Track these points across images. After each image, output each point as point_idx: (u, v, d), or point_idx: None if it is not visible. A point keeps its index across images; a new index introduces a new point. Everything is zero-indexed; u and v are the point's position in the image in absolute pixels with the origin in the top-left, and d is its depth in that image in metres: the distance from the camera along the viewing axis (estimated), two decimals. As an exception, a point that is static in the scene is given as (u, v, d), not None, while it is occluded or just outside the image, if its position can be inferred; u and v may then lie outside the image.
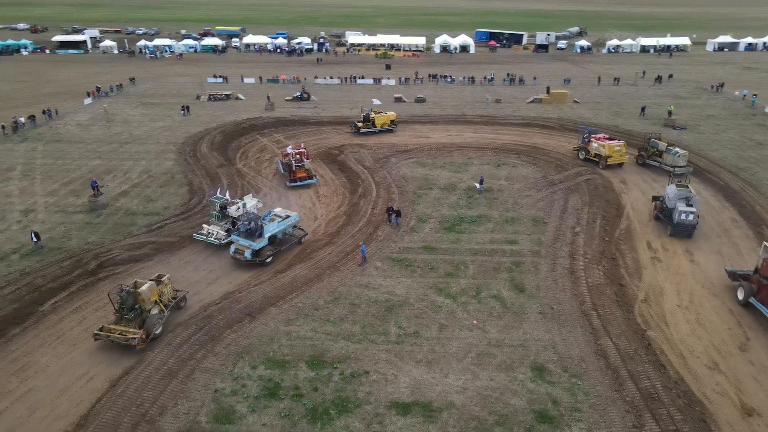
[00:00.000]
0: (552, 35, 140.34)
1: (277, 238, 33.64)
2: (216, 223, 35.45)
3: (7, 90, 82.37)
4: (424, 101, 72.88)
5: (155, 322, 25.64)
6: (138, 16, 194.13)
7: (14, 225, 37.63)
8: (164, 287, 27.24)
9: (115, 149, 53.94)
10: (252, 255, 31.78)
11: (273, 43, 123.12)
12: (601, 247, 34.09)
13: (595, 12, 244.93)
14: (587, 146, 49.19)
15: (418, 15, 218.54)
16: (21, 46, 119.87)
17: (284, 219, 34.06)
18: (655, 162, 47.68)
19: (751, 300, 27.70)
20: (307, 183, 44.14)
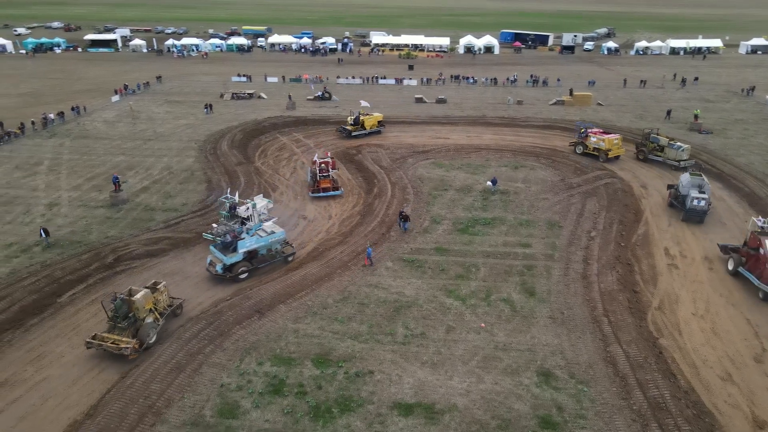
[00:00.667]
0: (579, 36, 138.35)
1: (258, 254, 32.00)
2: (225, 223, 34.34)
3: (40, 87, 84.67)
4: (444, 102, 72.64)
5: (149, 331, 25.05)
6: (169, 16, 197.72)
7: (38, 218, 38.73)
8: (160, 295, 26.67)
9: (139, 146, 55.06)
10: (223, 270, 30.46)
11: (298, 43, 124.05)
12: (617, 253, 33.53)
13: (625, 13, 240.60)
14: (585, 141, 50.58)
15: (444, 15, 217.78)
16: (54, 44, 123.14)
17: (268, 235, 32.16)
18: (657, 157, 48.86)
19: (740, 269, 30.89)
20: (330, 195, 42.29)
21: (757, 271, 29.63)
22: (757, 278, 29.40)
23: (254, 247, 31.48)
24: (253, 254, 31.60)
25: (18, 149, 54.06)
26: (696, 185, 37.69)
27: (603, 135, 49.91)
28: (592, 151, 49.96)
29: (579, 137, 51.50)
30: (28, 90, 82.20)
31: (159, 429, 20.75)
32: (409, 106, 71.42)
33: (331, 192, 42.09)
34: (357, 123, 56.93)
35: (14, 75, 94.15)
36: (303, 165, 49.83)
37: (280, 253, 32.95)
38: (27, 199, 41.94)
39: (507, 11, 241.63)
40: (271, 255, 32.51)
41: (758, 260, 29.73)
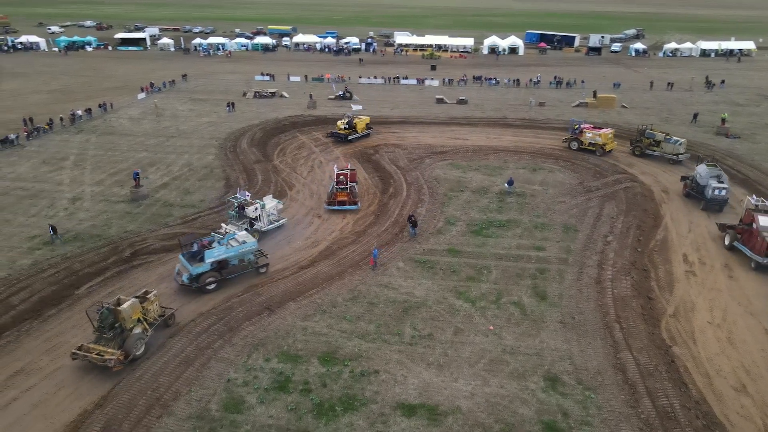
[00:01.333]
0: (606, 37, 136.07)
1: (228, 264, 30.40)
2: (234, 223, 34.69)
3: (70, 84, 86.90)
4: (465, 103, 72.25)
5: (136, 343, 24.19)
6: (197, 15, 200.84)
7: (61, 212, 39.76)
8: (150, 304, 25.70)
9: (162, 143, 56.10)
10: (189, 280, 29.29)
11: (322, 43, 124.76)
12: (633, 258, 32.91)
13: (655, 14, 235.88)
14: (580, 137, 52.07)
15: (470, 16, 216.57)
16: (86, 43, 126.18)
17: (239, 245, 30.55)
18: (654, 152, 50.54)
19: (735, 244, 33.86)
20: (346, 209, 39.91)
21: (750, 243, 32.68)
22: (750, 250, 32.45)
23: (223, 257, 29.94)
24: (222, 264, 30.08)
25: (46, 144, 55.57)
26: (714, 175, 39.53)
27: (596, 130, 51.79)
28: (588, 147, 51.51)
29: (573, 133, 52.98)
30: (58, 87, 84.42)
31: (165, 421, 21.13)
32: (429, 106, 71.24)
33: (347, 206, 39.81)
34: (351, 126, 55.58)
35: (47, 72, 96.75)
36: (321, 164, 50.17)
37: (253, 263, 31.32)
38: (52, 193, 43.09)
39: (534, 12, 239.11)
40: (242, 265, 30.89)
41: (751, 234, 32.78)
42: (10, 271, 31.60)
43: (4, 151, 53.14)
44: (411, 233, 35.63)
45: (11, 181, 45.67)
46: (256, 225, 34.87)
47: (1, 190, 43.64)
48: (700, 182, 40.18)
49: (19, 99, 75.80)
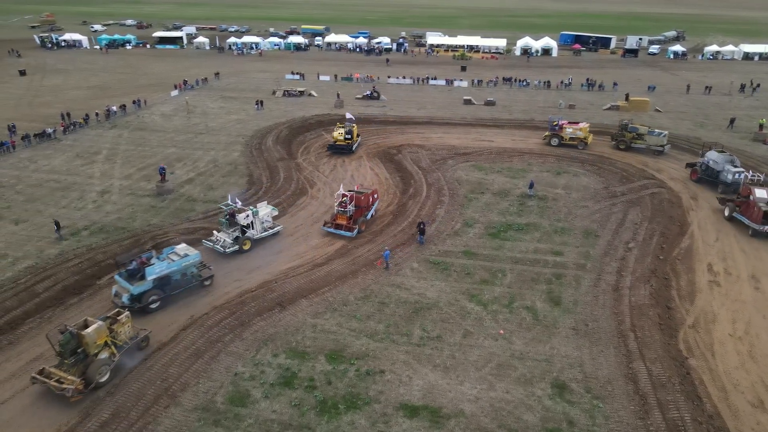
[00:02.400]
0: (644, 39, 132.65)
1: (171, 280, 28.57)
2: (225, 230, 33.83)
3: (108, 80, 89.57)
4: (493, 104, 71.54)
5: (100, 369, 22.44)
6: (234, 15, 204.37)
7: (90, 204, 41.05)
8: (120, 326, 23.86)
9: (190, 139, 57.29)
10: (130, 300, 27.21)
11: (353, 43, 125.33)
12: (653, 266, 32.01)
13: (697, 15, 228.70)
14: (560, 133, 53.53)
15: (505, 16, 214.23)
16: (126, 41, 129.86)
17: (180, 258, 28.90)
18: (640, 145, 52.28)
19: (734, 215, 37.63)
20: (340, 233, 36.01)
21: (748, 213, 36.62)
22: (748, 219, 36.38)
23: (165, 273, 28.21)
24: (165, 281, 28.32)
25: (81, 139, 57.42)
26: (729, 161, 42.94)
27: (574, 125, 53.68)
28: (569, 141, 53.32)
29: (552, 130, 54.11)
30: (97, 83, 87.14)
31: (172, 411, 21.59)
32: (457, 107, 70.81)
33: (342, 231, 35.90)
34: (352, 135, 52.47)
35: (87, 69, 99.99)
36: (343, 163, 50.40)
37: (197, 276, 29.69)
38: (83, 186, 44.51)
39: (570, 12, 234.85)
40: (186, 280, 29.20)
41: (749, 205, 36.72)
42: (37, 260, 32.78)
43: (42, 145, 55.18)
44: (419, 240, 34.87)
45: (46, 173, 47.36)
46: (248, 233, 34.04)
47: (35, 181, 45.30)
48: (715, 168, 43.18)
49: (60, 94, 78.54)
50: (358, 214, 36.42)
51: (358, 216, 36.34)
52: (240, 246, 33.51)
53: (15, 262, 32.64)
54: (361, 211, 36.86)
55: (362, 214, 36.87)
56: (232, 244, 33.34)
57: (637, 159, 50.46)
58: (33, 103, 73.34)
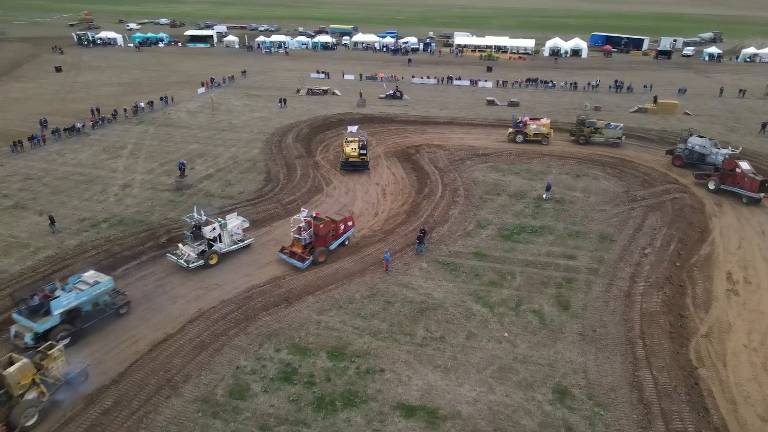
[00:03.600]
0: (678, 41, 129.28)
1: (82, 312, 25.78)
2: (190, 244, 31.77)
3: (139, 77, 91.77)
4: (517, 105, 70.67)
5: (26, 412, 20.14)
6: (266, 14, 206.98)
7: (111, 197, 42.09)
8: (51, 362, 21.39)
9: (213, 135, 58.22)
10: (35, 339, 24.08)
11: (380, 42, 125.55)
12: (669, 273, 31.14)
13: (736, 17, 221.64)
14: (524, 130, 55.00)
15: (536, 17, 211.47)
16: (159, 39, 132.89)
17: (90, 287, 26.09)
18: (599, 138, 54.63)
19: (722, 186, 41.88)
20: (292, 262, 32.10)
21: (740, 184, 40.77)
22: (741, 189, 40.64)
23: (74, 304, 25.41)
24: (74, 313, 25.56)
25: (108, 134, 58.93)
26: (713, 144, 47.16)
27: (537, 121, 55.38)
28: (533, 138, 54.97)
29: (516, 127, 55.40)
30: (128, 80, 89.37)
31: (173, 401, 22.00)
32: (479, 108, 70.24)
33: (293, 260, 32.01)
34: (366, 150, 47.61)
35: (120, 66, 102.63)
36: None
37: (111, 305, 26.87)
38: (106, 179, 45.66)
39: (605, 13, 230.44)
40: (99, 310, 26.35)
41: (736, 176, 41.07)
42: (57, 250, 33.77)
43: (71, 139, 56.84)
44: (417, 249, 33.45)
45: (72, 166, 48.77)
46: (215, 246, 32.02)
47: (62, 174, 46.70)
48: (702, 152, 47.14)
49: (92, 90, 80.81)
50: (320, 243, 32.30)
51: (320, 245, 32.27)
52: (206, 260, 31.44)
53: (36, 251, 33.70)
54: (324, 240, 32.52)
55: (325, 244, 32.62)
56: (197, 258, 31.21)
57: (660, 163, 49.22)
58: (66, 99, 75.62)
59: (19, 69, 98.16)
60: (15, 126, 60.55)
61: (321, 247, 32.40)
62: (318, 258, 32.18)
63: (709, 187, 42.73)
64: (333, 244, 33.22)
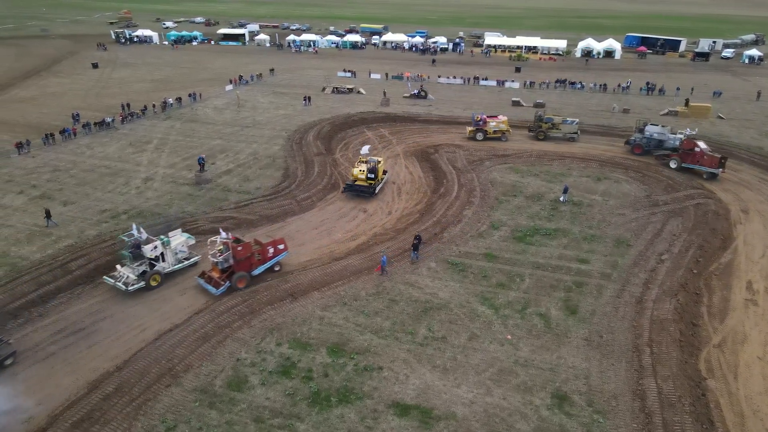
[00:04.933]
0: (718, 42, 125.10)
1: None
2: (129, 265, 29.62)
3: (171, 74, 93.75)
4: (543, 106, 69.52)
5: None
6: (298, 13, 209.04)
7: (133, 190, 43.15)
8: None
9: (236, 132, 59.09)
10: None
11: (409, 42, 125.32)
12: (684, 280, 30.18)
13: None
14: (484, 128, 55.44)
15: (571, 17, 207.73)
16: (192, 37, 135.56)
17: None
18: (557, 134, 56.08)
19: (684, 165, 46.15)
20: (207, 288, 29.27)
21: (701, 162, 44.93)
22: (702, 166, 44.86)
23: None
24: None
25: (136, 128, 60.43)
26: (668, 130, 50.72)
27: (495, 119, 56.01)
28: (493, 135, 55.71)
29: (476, 125, 55.67)
30: (160, 77, 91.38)
31: (172, 390, 22.43)
32: (503, 108, 69.17)
33: (209, 286, 29.16)
34: (375, 174, 42.12)
35: (153, 63, 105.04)
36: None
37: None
38: (130, 173, 46.84)
39: (643, 14, 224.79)
40: None
41: (696, 155, 45.26)
42: (77, 240, 34.81)
43: (100, 133, 58.50)
44: (412, 257, 32.46)
45: (99, 159, 50.19)
46: (157, 266, 29.99)
47: (89, 166, 48.10)
48: (660, 138, 49.98)
49: (125, 86, 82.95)
50: (242, 267, 29.42)
51: (241, 269, 29.42)
52: (147, 282, 29.29)
53: (57, 240, 34.82)
54: (246, 264, 29.66)
55: (248, 269, 29.77)
56: (137, 280, 29.03)
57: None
58: (100, 94, 77.81)
59: (58, 65, 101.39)
60: (50, 119, 62.63)
61: (242, 272, 29.46)
62: (236, 284, 29.15)
63: (671, 165, 47.16)
64: (258, 269, 30.25)
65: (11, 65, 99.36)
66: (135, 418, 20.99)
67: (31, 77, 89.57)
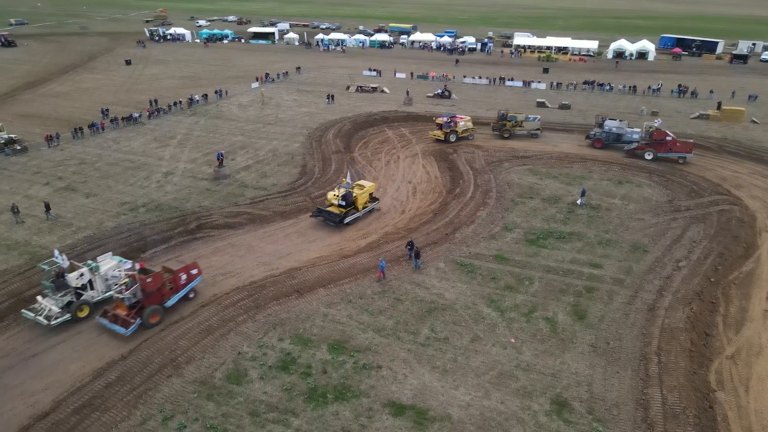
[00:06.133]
0: (758, 44, 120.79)
1: None
2: (51, 295, 26.44)
3: (200, 72, 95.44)
4: (568, 108, 68.35)
5: None
6: (330, 12, 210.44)
7: (154, 184, 44.05)
8: None
9: (258, 128, 59.78)
10: None
11: (437, 41, 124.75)
12: (700, 288, 29.18)
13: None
14: (455, 129, 54.73)
15: (605, 18, 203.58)
16: (223, 36, 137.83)
17: None
18: (521, 131, 56.86)
19: (659, 155, 48.65)
20: (112, 328, 25.65)
21: (675, 149, 48.18)
22: (677, 152, 48.12)
23: None
24: None
25: (162, 124, 61.72)
26: (626, 124, 53.83)
27: (461, 118, 55.58)
28: (462, 134, 55.47)
29: (448, 127, 54.57)
30: (189, 74, 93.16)
31: (173, 381, 22.77)
32: (528, 110, 68.07)
33: (115, 326, 25.56)
34: (349, 202, 37.25)
35: (184, 60, 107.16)
36: (396, 160, 50.38)
37: None
38: (152, 167, 47.84)
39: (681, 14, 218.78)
40: None
41: (668, 144, 48.11)
42: (95, 231, 35.70)
43: (127, 128, 59.95)
44: (415, 265, 31.29)
45: (124, 153, 51.41)
46: (84, 295, 26.99)
47: (113, 160, 49.31)
48: (619, 132, 52.49)
49: (155, 83, 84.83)
50: (153, 301, 26.29)
51: (152, 303, 26.26)
52: (73, 313, 26.30)
53: (77, 231, 35.78)
54: (158, 296, 26.56)
55: (160, 301, 26.68)
56: (61, 312, 26.05)
57: (714, 173, 46.20)
58: (130, 90, 79.74)
59: (93, 61, 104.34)
60: (80, 114, 64.51)
61: (154, 305, 26.25)
62: (149, 320, 25.91)
63: (647, 157, 48.94)
64: (171, 299, 27.15)
65: (50, 61, 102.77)
66: (134, 406, 21.39)
67: (67, 72, 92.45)
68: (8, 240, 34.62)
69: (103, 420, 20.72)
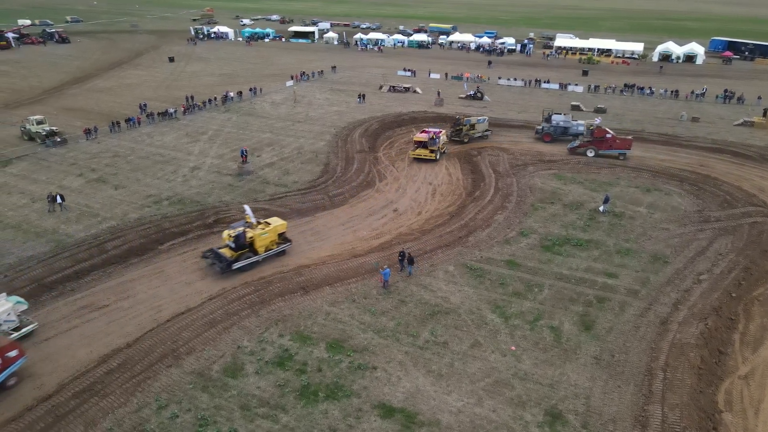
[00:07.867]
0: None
1: None
2: None
3: (238, 69, 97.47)
4: (604, 112, 66.38)
5: None
6: (371, 12, 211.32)
7: (180, 178, 45.24)
8: None
9: (287, 126, 60.58)
10: None
11: (475, 42, 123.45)
12: (719, 303, 27.84)
13: None
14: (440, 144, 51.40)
15: (653, 19, 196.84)
16: (265, 34, 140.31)
17: None
18: (476, 134, 56.24)
19: (600, 152, 49.89)
20: None
21: (611, 146, 49.66)
22: (616, 149, 49.59)
23: None
24: None
25: (195, 119, 63.33)
26: (571, 117, 56.63)
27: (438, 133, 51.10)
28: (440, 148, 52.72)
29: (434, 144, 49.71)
30: (228, 71, 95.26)
31: (172, 371, 23.33)
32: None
33: None
34: (240, 245, 31.05)
35: (225, 58, 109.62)
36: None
37: None
38: (180, 161, 49.15)
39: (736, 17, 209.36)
40: None
41: (608, 141, 49.60)
42: (119, 222, 36.94)
43: (162, 122, 61.80)
44: (408, 271, 30.52)
45: (156, 147, 53.02)
46: None
47: (145, 154, 50.93)
48: (565, 126, 54.75)
49: (194, 80, 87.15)
50: None
51: None
52: None
53: (102, 221, 37.10)
54: None
55: None
56: None
57: (751, 183, 44.01)
58: (170, 86, 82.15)
59: (139, 58, 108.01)
60: (121, 109, 66.85)
61: None
62: None
63: (588, 154, 50.20)
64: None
65: (99, 57, 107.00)
66: (132, 393, 22.02)
67: (113, 69, 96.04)
68: (38, 227, 36.19)
69: (101, 405, 21.41)
